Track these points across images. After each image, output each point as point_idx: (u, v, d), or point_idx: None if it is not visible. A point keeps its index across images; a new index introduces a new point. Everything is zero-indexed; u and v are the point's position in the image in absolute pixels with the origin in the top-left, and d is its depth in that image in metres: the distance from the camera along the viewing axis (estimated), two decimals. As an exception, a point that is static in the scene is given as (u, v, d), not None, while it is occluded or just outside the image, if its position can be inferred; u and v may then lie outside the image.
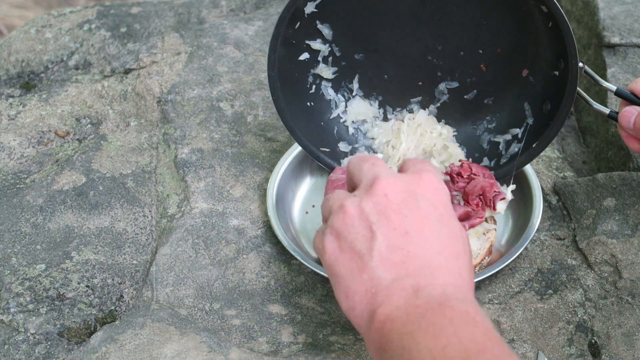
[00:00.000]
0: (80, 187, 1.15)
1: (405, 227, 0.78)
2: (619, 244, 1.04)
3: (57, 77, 1.36)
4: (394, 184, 0.81)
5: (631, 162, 1.14)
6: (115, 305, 1.03)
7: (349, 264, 0.79)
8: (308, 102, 1.03)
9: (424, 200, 0.81)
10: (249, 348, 0.97)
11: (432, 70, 1.03)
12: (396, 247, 0.78)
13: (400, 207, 0.80)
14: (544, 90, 1.01)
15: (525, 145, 1.05)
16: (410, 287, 0.76)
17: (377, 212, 0.79)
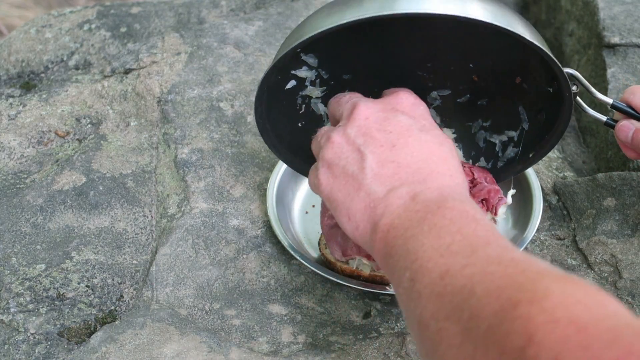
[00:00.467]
0: (80, 187, 1.15)
1: (391, 142, 0.82)
2: (619, 244, 1.04)
3: (57, 77, 1.36)
4: (373, 106, 0.86)
5: (631, 162, 1.14)
6: (115, 305, 1.03)
7: (345, 187, 0.82)
8: (299, 123, 1.02)
9: (404, 115, 0.85)
10: (249, 348, 0.97)
11: (422, 82, 1.03)
12: (386, 161, 0.81)
13: (383, 125, 0.83)
14: (538, 100, 1.01)
15: (523, 152, 1.05)
16: (407, 194, 0.78)
17: (362, 134, 0.83)
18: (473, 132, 1.07)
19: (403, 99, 0.88)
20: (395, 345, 0.96)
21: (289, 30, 1.39)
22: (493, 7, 0.86)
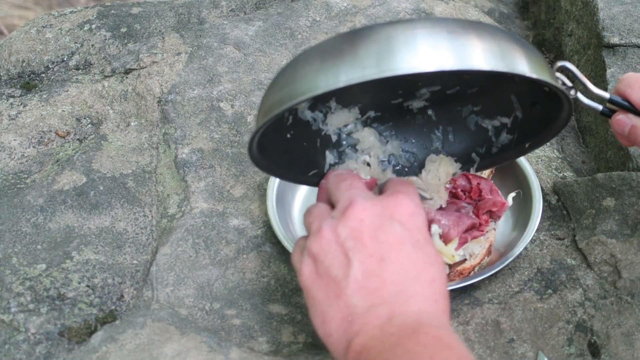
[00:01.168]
0: (80, 187, 1.15)
1: (381, 254, 0.79)
2: (618, 243, 1.04)
3: (58, 77, 1.36)
4: (370, 208, 0.81)
5: (631, 162, 1.14)
6: (115, 305, 1.03)
7: (325, 289, 0.79)
8: (287, 134, 1.00)
9: (400, 225, 0.81)
10: (249, 348, 0.97)
11: (412, 82, 1.01)
12: (372, 273, 0.78)
13: (376, 233, 0.80)
14: (532, 94, 0.99)
15: (518, 140, 1.02)
16: (385, 315, 0.76)
17: (353, 237, 0.80)
18: (463, 117, 1.04)
19: (403, 206, 0.82)
20: (395, 345, 0.96)
21: (289, 30, 1.39)
22: (490, 46, 0.81)
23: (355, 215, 0.81)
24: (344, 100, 0.98)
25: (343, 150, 1.02)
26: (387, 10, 1.43)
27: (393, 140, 1.03)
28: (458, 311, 1.00)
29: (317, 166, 1.00)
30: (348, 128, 1.03)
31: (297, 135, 0.97)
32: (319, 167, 1.00)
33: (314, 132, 1.00)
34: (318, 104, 0.97)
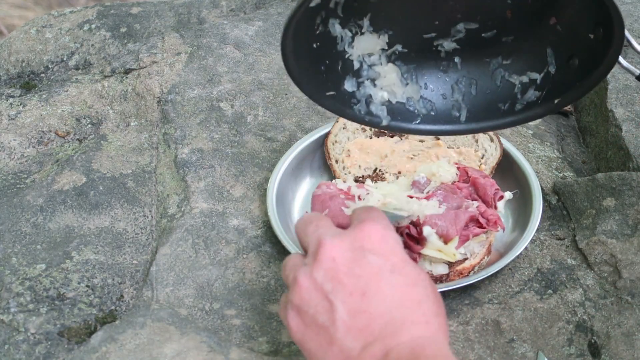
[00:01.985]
0: (80, 187, 1.15)
1: (361, 289, 0.78)
2: (618, 243, 1.04)
3: (58, 77, 1.36)
4: (339, 245, 0.80)
5: (631, 162, 1.14)
6: (115, 305, 1.03)
7: (317, 338, 0.78)
8: (314, 44, 0.96)
9: (373, 254, 0.80)
10: (249, 348, 0.97)
11: (451, 10, 0.96)
12: (357, 311, 0.77)
13: (351, 268, 0.79)
14: (573, 45, 0.93)
15: (546, 97, 0.97)
16: (380, 351, 0.75)
17: (329, 278, 0.78)
18: (491, 70, 0.99)
19: (371, 234, 0.81)
20: (395, 345, 0.96)
21: (289, 30, 1.39)
22: None
23: (326, 255, 0.79)
24: (377, 21, 0.95)
25: (362, 81, 0.99)
26: (387, 10, 1.43)
27: (413, 84, 1.00)
28: (458, 311, 1.00)
29: (335, 89, 0.97)
30: (372, 59, 0.99)
31: (322, 49, 0.94)
32: (336, 90, 0.97)
33: (339, 53, 0.97)
34: (351, 20, 0.95)
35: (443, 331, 0.78)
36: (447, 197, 1.05)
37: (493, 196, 1.07)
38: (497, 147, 1.16)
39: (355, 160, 1.17)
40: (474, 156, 1.16)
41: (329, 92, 0.97)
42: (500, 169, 1.15)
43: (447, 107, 1.00)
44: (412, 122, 0.99)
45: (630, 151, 1.15)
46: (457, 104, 1.00)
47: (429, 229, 1.00)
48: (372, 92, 0.98)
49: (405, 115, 0.99)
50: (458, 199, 1.06)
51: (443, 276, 1.02)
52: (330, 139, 1.18)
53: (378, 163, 1.17)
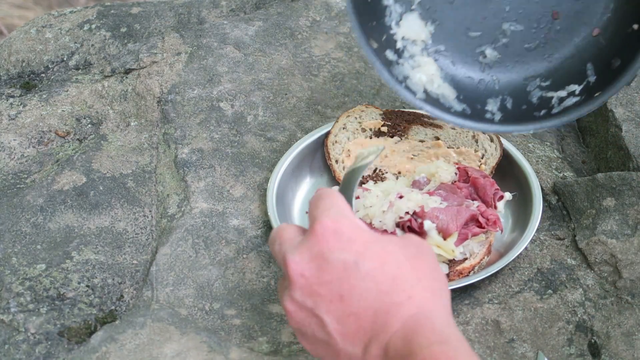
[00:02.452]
0: (80, 187, 1.15)
1: (337, 293, 0.78)
2: (618, 243, 1.04)
3: (58, 77, 1.36)
4: (300, 258, 0.80)
5: (631, 162, 1.14)
6: (115, 305, 1.03)
7: (326, 352, 0.80)
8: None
9: (332, 253, 0.79)
10: (249, 348, 0.97)
11: (499, 6, 0.95)
12: (343, 316, 0.78)
13: (320, 277, 0.79)
14: (614, 50, 0.94)
15: (585, 99, 0.96)
16: (378, 350, 0.76)
17: (307, 295, 0.79)
18: (528, 90, 0.99)
19: (324, 234, 0.80)
20: (395, 345, 0.96)
21: (289, 30, 1.39)
22: None
23: (295, 274, 0.80)
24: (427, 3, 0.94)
25: (402, 64, 0.98)
26: (387, 10, 1.43)
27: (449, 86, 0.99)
28: (458, 311, 1.00)
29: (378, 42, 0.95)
30: (413, 49, 0.99)
31: (372, 9, 0.93)
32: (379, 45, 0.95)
33: (386, 26, 0.96)
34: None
35: (431, 292, 0.78)
36: (448, 197, 1.06)
37: (493, 196, 1.08)
38: (497, 147, 1.16)
39: (356, 160, 1.17)
40: (474, 156, 1.17)
41: (374, 42, 0.94)
42: (500, 169, 1.15)
43: (481, 112, 0.99)
44: (445, 112, 0.97)
45: (630, 151, 1.15)
46: (490, 113, 0.99)
47: (430, 223, 1.00)
48: (410, 74, 0.97)
49: (438, 104, 0.98)
50: (459, 198, 1.06)
51: (443, 276, 1.02)
52: (330, 139, 1.18)
53: (378, 163, 1.17)
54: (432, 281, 0.79)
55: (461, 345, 0.74)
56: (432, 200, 1.04)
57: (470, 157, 1.16)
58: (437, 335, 0.74)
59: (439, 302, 0.78)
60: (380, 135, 1.20)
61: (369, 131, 1.20)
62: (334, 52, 1.36)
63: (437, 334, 0.74)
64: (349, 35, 1.39)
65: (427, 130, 1.20)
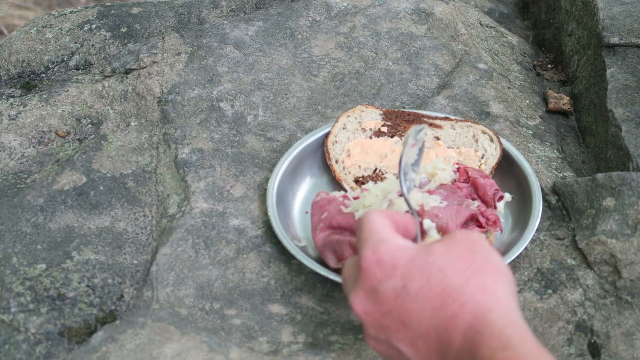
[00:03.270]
0: (80, 187, 1.15)
1: (399, 320, 0.80)
2: (618, 243, 1.04)
3: (58, 77, 1.36)
4: (358, 298, 0.83)
5: (631, 162, 1.14)
6: (115, 305, 1.03)
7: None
8: None
9: (381, 284, 0.81)
10: (249, 348, 0.97)
11: None
12: (413, 341, 0.79)
13: (380, 310, 0.81)
14: None
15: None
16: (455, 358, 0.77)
17: (377, 329, 0.82)
18: None
19: (369, 267, 0.82)
20: (395, 345, 0.96)
21: (289, 30, 1.39)
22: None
23: (359, 313, 0.83)
24: None
25: None
26: (387, 10, 1.43)
27: None
28: (458, 311, 1.01)
29: None
30: None
31: None
32: None
33: None
34: None
35: (482, 291, 0.78)
36: (448, 196, 1.06)
37: (493, 196, 1.08)
38: (497, 147, 1.16)
39: (355, 161, 1.17)
40: (474, 156, 1.17)
41: None
42: (500, 169, 1.15)
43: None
44: None
45: (630, 151, 1.15)
46: None
47: (429, 222, 1.01)
48: None
49: None
50: (459, 197, 1.06)
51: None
52: (330, 139, 1.18)
53: (378, 163, 1.17)
54: (482, 276, 0.79)
55: (524, 345, 0.73)
56: (432, 199, 1.04)
57: (470, 157, 1.16)
58: (497, 340, 0.74)
59: (493, 298, 0.78)
60: (380, 135, 1.20)
61: (369, 131, 1.20)
62: (334, 52, 1.36)
63: (497, 339, 0.74)
64: (349, 35, 1.39)
65: (427, 130, 1.20)
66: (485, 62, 1.36)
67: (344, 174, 1.16)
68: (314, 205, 1.07)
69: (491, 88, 1.31)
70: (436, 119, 1.21)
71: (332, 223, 1.03)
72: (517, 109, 1.29)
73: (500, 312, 0.76)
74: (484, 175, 1.10)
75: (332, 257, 1.02)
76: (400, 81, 1.32)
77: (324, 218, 1.04)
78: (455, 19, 1.42)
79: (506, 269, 0.81)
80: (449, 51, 1.37)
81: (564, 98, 1.33)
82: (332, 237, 1.02)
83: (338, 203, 1.05)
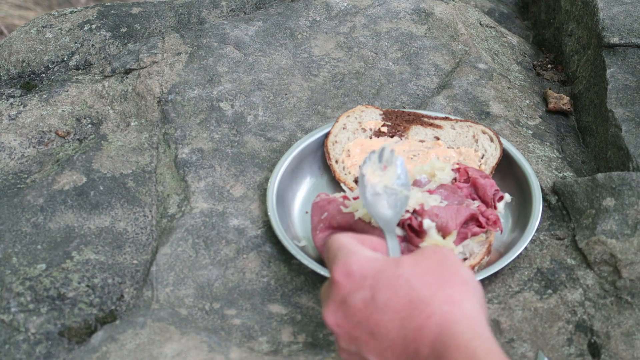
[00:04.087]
0: (80, 187, 1.15)
1: (367, 331, 0.80)
2: (618, 243, 1.04)
3: (58, 77, 1.36)
4: (330, 311, 0.83)
5: (631, 162, 1.14)
6: (115, 305, 1.03)
7: None
8: None
9: (350, 295, 0.82)
10: (249, 348, 0.97)
11: None
12: (381, 351, 0.79)
13: (349, 320, 0.81)
14: None
15: None
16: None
17: (349, 341, 0.82)
18: None
19: (339, 280, 0.83)
20: (395, 345, 0.96)
21: (289, 30, 1.39)
22: None
23: (331, 326, 0.83)
24: None
25: None
26: (387, 10, 1.43)
27: None
28: (458, 311, 1.01)
29: None
30: None
31: None
32: None
33: None
34: None
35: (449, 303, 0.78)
36: (448, 196, 1.06)
37: (493, 197, 1.08)
38: (497, 147, 1.16)
39: (355, 161, 1.17)
40: (474, 156, 1.17)
41: None
42: (500, 169, 1.15)
43: None
44: None
45: (630, 151, 1.15)
46: None
47: (429, 222, 1.01)
48: None
49: None
50: (459, 197, 1.06)
51: (443, 276, 1.02)
52: (330, 139, 1.18)
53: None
54: (449, 288, 0.79)
55: (489, 358, 0.74)
56: (433, 198, 1.04)
57: (470, 158, 1.16)
58: (463, 353, 0.74)
59: (459, 310, 0.78)
60: (380, 135, 1.20)
61: (369, 131, 1.20)
62: (334, 52, 1.36)
63: (464, 352, 0.74)
64: (349, 35, 1.39)
65: (427, 130, 1.20)
66: (485, 62, 1.36)
67: (344, 174, 1.16)
68: (313, 206, 1.07)
69: (491, 88, 1.31)
70: (436, 119, 1.21)
71: (332, 223, 1.04)
72: (517, 109, 1.29)
73: (467, 325, 0.77)
74: (484, 176, 1.10)
75: None
76: (400, 81, 1.32)
77: (324, 218, 1.04)
78: (455, 19, 1.42)
79: (474, 282, 0.82)
80: (449, 51, 1.37)
81: (564, 98, 1.33)
82: None
83: (338, 203, 1.05)
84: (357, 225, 1.03)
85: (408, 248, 1.01)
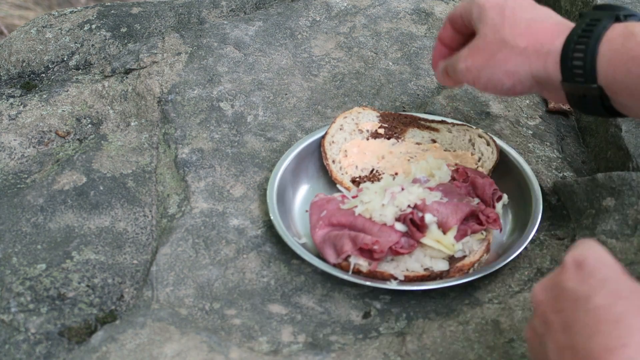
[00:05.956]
0: (80, 187, 1.15)
1: (564, 323, 0.79)
2: (618, 243, 1.04)
3: (58, 77, 1.36)
4: (542, 287, 0.83)
5: (631, 162, 1.14)
6: (115, 305, 1.03)
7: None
8: None
9: (569, 282, 0.81)
10: (249, 348, 0.97)
11: None
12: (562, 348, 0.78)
13: (554, 305, 0.80)
14: None
15: None
16: None
17: (542, 322, 0.81)
18: None
19: (568, 265, 0.82)
20: (395, 345, 0.96)
21: (289, 30, 1.39)
22: None
23: (534, 300, 0.83)
24: None
25: None
26: (387, 10, 1.43)
27: None
28: (458, 311, 1.01)
29: None
30: None
31: None
32: None
33: None
34: None
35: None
36: (448, 193, 1.07)
37: (491, 196, 1.08)
38: (494, 150, 1.16)
39: (353, 161, 1.17)
40: (470, 159, 1.17)
41: None
42: (499, 169, 1.15)
43: None
44: None
45: (630, 151, 1.15)
46: None
47: (431, 217, 1.02)
48: None
49: None
50: (459, 195, 1.07)
51: (443, 272, 1.02)
52: (327, 140, 1.18)
53: (375, 164, 1.17)
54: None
55: None
56: (433, 195, 1.05)
57: (467, 160, 1.16)
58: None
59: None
60: (377, 137, 1.20)
61: (366, 132, 1.20)
62: (334, 52, 1.36)
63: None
64: (349, 35, 1.39)
65: (423, 133, 1.20)
66: (485, 62, 1.36)
67: (340, 174, 1.16)
68: (312, 205, 1.07)
69: (491, 88, 1.31)
70: (433, 122, 1.21)
71: (331, 220, 1.04)
72: (517, 109, 1.29)
73: None
74: (482, 175, 1.10)
75: (331, 253, 1.02)
76: (400, 81, 1.32)
77: (323, 216, 1.05)
78: (455, 19, 1.43)
79: None
80: (449, 51, 1.37)
81: (564, 98, 1.33)
82: (331, 233, 1.03)
83: (337, 202, 1.06)
84: (358, 221, 1.03)
85: (409, 243, 1.02)
